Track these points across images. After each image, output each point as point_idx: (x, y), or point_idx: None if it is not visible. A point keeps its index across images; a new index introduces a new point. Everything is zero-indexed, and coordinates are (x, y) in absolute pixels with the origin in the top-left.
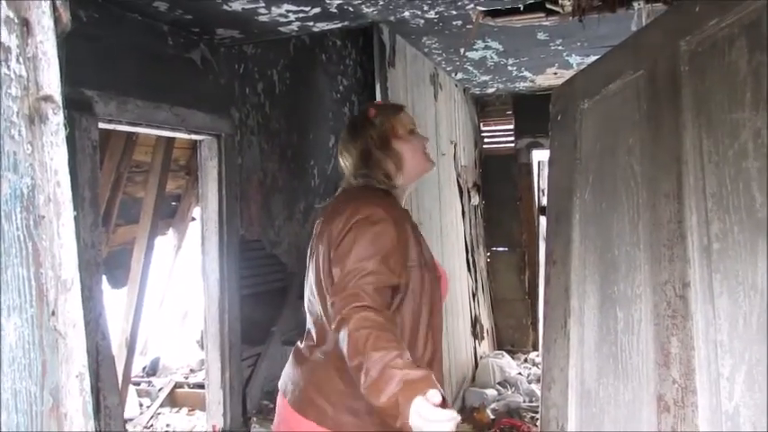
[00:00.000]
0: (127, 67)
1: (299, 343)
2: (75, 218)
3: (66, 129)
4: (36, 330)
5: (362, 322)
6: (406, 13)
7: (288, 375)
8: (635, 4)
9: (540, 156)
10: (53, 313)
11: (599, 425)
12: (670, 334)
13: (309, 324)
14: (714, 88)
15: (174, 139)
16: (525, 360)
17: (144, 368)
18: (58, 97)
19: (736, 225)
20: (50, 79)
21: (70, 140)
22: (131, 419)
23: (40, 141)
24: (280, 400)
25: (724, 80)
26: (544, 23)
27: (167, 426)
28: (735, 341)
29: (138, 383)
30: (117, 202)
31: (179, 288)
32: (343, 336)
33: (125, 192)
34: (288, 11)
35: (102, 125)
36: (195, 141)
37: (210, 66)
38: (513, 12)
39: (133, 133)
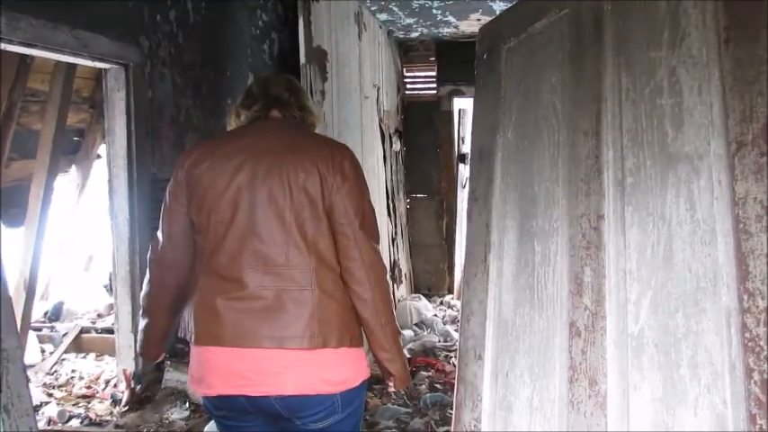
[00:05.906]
0: None
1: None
2: None
3: None
4: None
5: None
6: None
7: (258, 326)
8: None
9: (462, 104)
10: None
11: (514, 351)
12: (584, 264)
13: (253, 263)
14: (634, 27)
15: (75, 66)
16: (441, 303)
17: (46, 313)
18: None
19: (649, 159)
20: None
21: None
22: (33, 366)
23: None
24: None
25: (644, 20)
26: None
27: (73, 372)
28: (642, 269)
29: (39, 329)
30: (10, 133)
31: (83, 230)
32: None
33: (19, 123)
34: None
35: None
36: (100, 71)
37: None
38: None
39: (28, 56)
